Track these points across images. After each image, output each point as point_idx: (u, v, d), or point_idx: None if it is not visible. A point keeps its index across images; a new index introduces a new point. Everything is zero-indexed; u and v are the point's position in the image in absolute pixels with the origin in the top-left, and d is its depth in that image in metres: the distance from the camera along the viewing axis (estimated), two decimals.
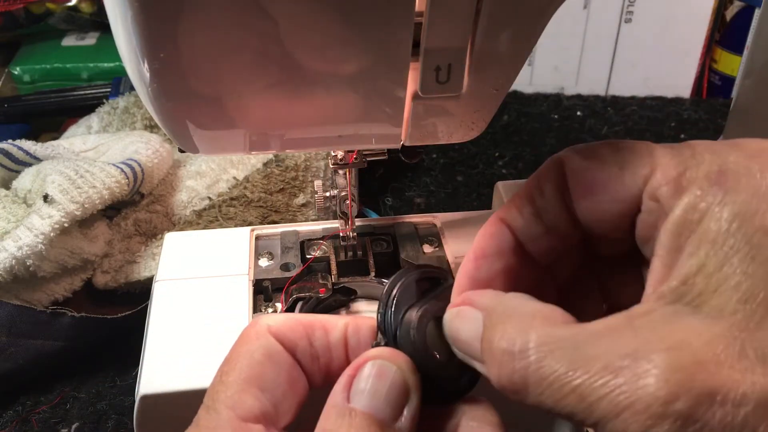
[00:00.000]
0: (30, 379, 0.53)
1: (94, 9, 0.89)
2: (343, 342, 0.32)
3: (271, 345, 0.31)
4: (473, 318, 0.27)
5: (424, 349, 0.30)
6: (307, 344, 0.32)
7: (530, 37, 0.34)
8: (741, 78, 0.61)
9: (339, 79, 0.33)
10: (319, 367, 0.32)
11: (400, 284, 0.32)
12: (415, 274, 0.33)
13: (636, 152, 0.26)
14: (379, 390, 0.28)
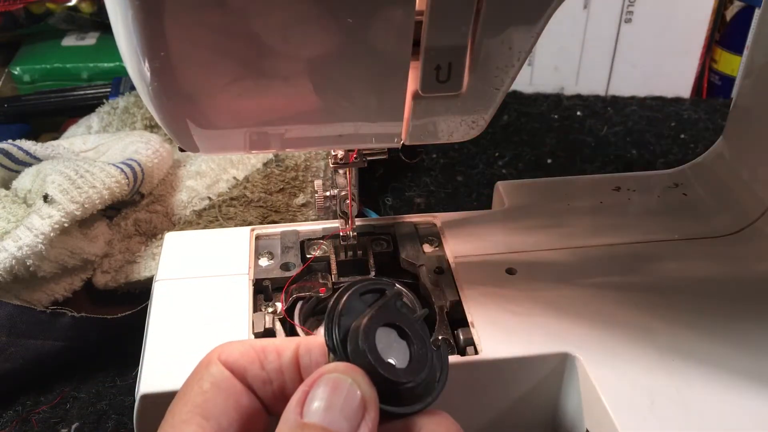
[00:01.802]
0: (30, 379, 0.53)
1: (94, 9, 0.89)
2: (295, 363, 0.32)
3: (219, 373, 0.31)
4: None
5: (376, 358, 0.29)
6: (258, 368, 0.32)
7: (530, 37, 0.34)
8: (741, 78, 0.61)
9: (339, 78, 0.33)
10: (273, 391, 0.32)
11: (345, 299, 0.31)
12: (357, 288, 0.32)
13: None
14: (334, 404, 0.28)
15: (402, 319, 0.31)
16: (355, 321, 0.30)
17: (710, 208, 0.56)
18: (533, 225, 0.53)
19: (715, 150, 0.60)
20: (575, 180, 0.61)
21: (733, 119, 0.59)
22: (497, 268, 0.48)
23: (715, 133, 0.81)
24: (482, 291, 0.46)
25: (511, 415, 0.44)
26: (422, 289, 0.47)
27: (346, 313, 0.31)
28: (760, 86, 0.56)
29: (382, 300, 0.32)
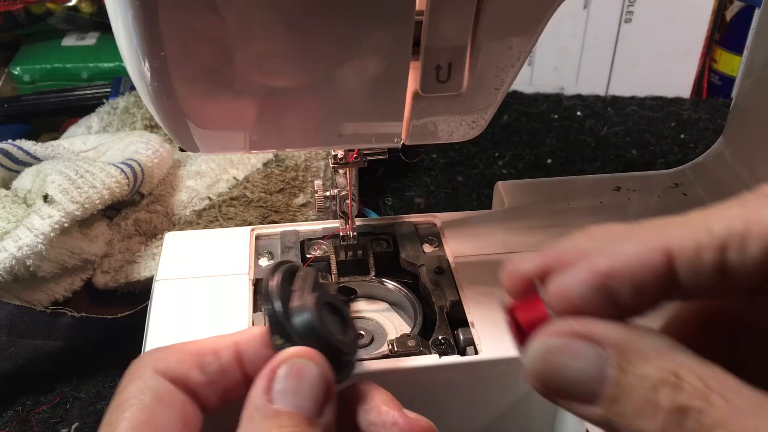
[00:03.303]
0: (30, 379, 0.53)
1: (94, 9, 0.89)
2: (236, 360, 0.32)
3: (160, 386, 0.30)
4: (592, 356, 0.22)
5: (327, 337, 0.31)
6: (198, 373, 0.31)
7: (530, 37, 0.34)
8: (741, 78, 0.61)
9: (340, 78, 0.33)
10: (215, 390, 0.32)
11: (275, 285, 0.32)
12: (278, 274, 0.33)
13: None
14: (301, 388, 0.29)
15: (329, 295, 0.34)
16: (296, 302, 0.32)
17: None
18: (533, 225, 0.53)
19: (715, 150, 0.60)
20: (575, 180, 0.61)
21: (733, 119, 0.59)
22: (497, 268, 0.48)
23: (715, 133, 0.81)
24: (482, 291, 0.46)
25: (512, 416, 0.44)
26: (422, 289, 0.47)
27: (282, 297, 0.32)
28: (760, 86, 0.56)
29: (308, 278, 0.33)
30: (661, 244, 0.22)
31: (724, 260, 0.22)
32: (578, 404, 0.23)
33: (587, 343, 0.23)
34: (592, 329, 0.23)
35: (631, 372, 0.22)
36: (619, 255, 0.23)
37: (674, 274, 0.22)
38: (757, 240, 0.21)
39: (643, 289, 0.22)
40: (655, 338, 0.22)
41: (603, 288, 0.23)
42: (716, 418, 0.20)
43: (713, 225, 0.22)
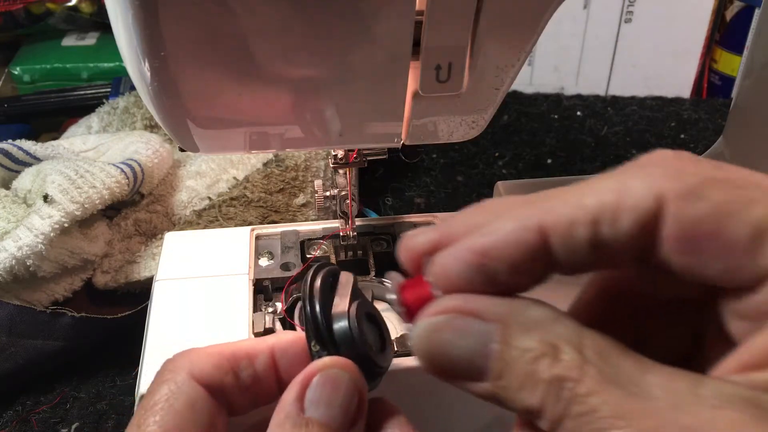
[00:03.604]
0: (30, 379, 0.53)
1: (94, 9, 0.89)
2: (271, 366, 0.32)
3: (192, 392, 0.29)
4: (476, 331, 0.22)
5: (364, 348, 0.30)
6: (233, 378, 0.31)
7: (530, 37, 0.34)
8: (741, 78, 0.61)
9: (339, 78, 0.33)
10: (248, 396, 0.31)
11: (318, 289, 0.31)
12: (320, 276, 0.32)
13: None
14: (334, 399, 0.28)
15: (368, 304, 0.33)
16: (335, 309, 0.31)
17: None
18: None
19: (715, 150, 0.60)
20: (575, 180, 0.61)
21: (733, 119, 0.59)
22: None
23: (715, 133, 0.82)
24: None
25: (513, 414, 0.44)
26: None
27: (323, 303, 0.31)
28: (760, 86, 0.56)
29: (349, 285, 0.32)
30: (536, 221, 0.22)
31: (597, 234, 0.21)
32: (467, 382, 0.23)
33: (471, 318, 0.23)
34: (474, 304, 0.23)
35: (513, 345, 0.22)
36: (494, 233, 0.22)
37: (550, 250, 0.22)
38: (629, 213, 0.21)
39: (520, 267, 0.22)
40: (537, 310, 0.22)
41: (480, 267, 0.23)
42: (590, 387, 0.20)
43: (586, 199, 0.22)
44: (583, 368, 0.20)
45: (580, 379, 0.20)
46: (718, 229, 0.20)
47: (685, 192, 0.20)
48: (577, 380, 0.20)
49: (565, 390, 0.20)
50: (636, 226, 0.21)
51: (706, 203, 0.20)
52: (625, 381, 0.20)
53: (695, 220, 0.20)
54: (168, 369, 0.31)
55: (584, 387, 0.20)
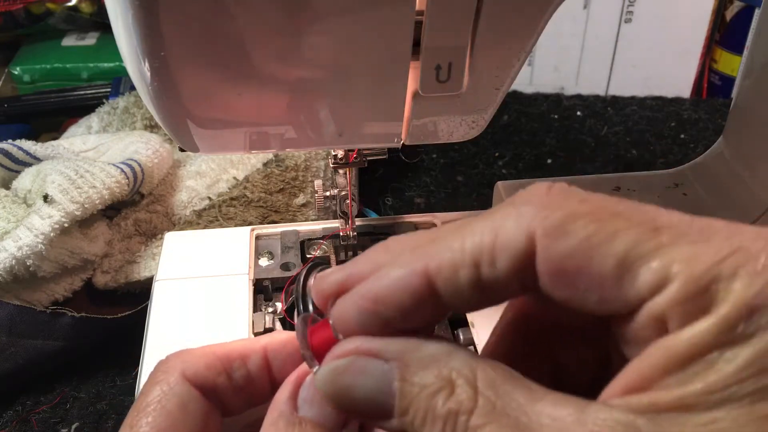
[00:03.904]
0: (30, 379, 0.53)
1: (94, 9, 0.89)
2: (264, 366, 0.31)
3: (185, 393, 0.29)
4: (377, 371, 0.23)
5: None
6: (226, 379, 0.31)
7: (530, 37, 0.34)
8: (741, 78, 0.61)
9: (339, 78, 0.33)
10: (241, 396, 0.31)
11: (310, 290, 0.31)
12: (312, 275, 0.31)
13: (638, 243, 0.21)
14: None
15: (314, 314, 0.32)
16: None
17: (710, 208, 0.56)
18: None
19: (715, 150, 0.60)
20: (575, 180, 0.61)
21: (733, 119, 0.59)
22: None
23: (715, 133, 0.82)
24: None
25: None
26: None
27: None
28: (760, 86, 0.56)
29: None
30: (421, 265, 0.23)
31: (479, 275, 0.22)
32: (377, 420, 0.24)
33: (371, 359, 0.24)
34: (373, 345, 0.24)
35: (412, 382, 0.22)
36: (383, 280, 0.23)
37: (436, 292, 0.23)
38: (503, 253, 0.22)
39: (409, 311, 0.23)
40: (433, 345, 0.23)
41: (373, 313, 0.24)
42: (482, 419, 0.21)
43: (466, 242, 0.22)
44: (476, 401, 0.21)
45: (473, 412, 0.21)
46: (585, 264, 0.21)
47: (551, 229, 0.21)
48: (470, 412, 0.21)
49: (459, 423, 0.21)
50: (511, 264, 0.22)
51: (571, 238, 0.21)
52: (515, 409, 0.21)
53: (562, 255, 0.21)
54: (161, 370, 0.31)
55: (477, 419, 0.21)
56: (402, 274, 0.23)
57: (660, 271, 0.20)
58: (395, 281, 0.23)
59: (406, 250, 0.24)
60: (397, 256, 0.24)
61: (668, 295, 0.20)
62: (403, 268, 0.23)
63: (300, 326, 0.27)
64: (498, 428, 0.21)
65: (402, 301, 0.23)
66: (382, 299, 0.23)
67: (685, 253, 0.20)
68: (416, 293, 0.23)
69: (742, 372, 0.19)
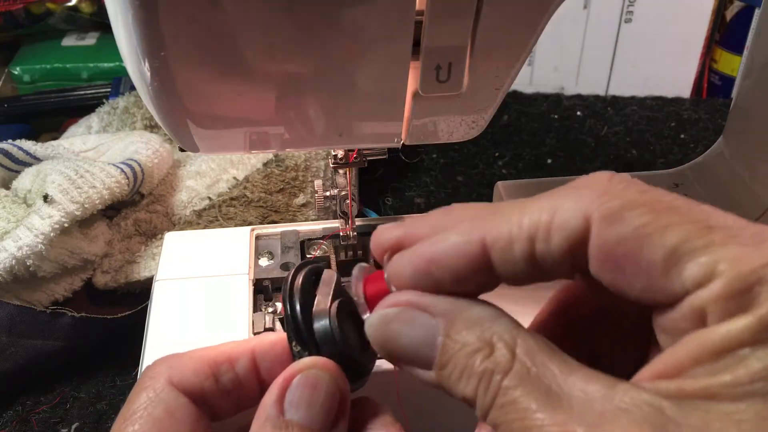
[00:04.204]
0: (30, 379, 0.53)
1: (94, 9, 0.89)
2: (252, 369, 0.31)
3: (171, 399, 0.29)
4: (424, 324, 0.25)
5: (346, 348, 0.29)
6: (214, 383, 0.31)
7: (530, 36, 0.34)
8: (741, 78, 0.61)
9: (339, 78, 0.33)
10: (230, 400, 0.31)
11: (298, 288, 0.30)
12: (301, 275, 0.31)
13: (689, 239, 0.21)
14: (314, 400, 0.28)
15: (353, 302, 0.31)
16: (315, 308, 0.30)
17: None
18: None
19: (715, 150, 0.60)
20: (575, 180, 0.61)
21: (733, 119, 0.59)
22: None
23: (715, 133, 0.82)
24: None
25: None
26: None
27: (304, 302, 0.30)
28: (760, 86, 0.55)
29: (332, 283, 0.32)
30: (479, 235, 0.24)
31: (533, 250, 0.23)
32: (417, 369, 0.25)
33: (419, 312, 0.25)
34: (423, 300, 0.25)
35: (455, 339, 0.24)
36: (442, 243, 0.25)
37: (490, 263, 0.24)
38: (559, 231, 0.23)
39: (462, 276, 0.25)
40: (479, 309, 0.25)
41: (427, 273, 0.25)
42: (515, 381, 0.22)
43: (524, 217, 0.24)
44: (512, 364, 0.23)
45: (507, 374, 0.23)
46: (636, 251, 0.22)
47: (608, 214, 0.22)
48: (505, 374, 0.23)
49: (493, 382, 0.23)
50: (566, 243, 0.23)
51: (626, 226, 0.22)
52: (548, 378, 0.22)
53: (616, 241, 0.22)
54: (148, 376, 0.30)
55: (510, 380, 0.22)
56: (460, 240, 0.24)
57: (707, 267, 0.21)
58: (453, 246, 0.24)
59: (467, 218, 0.25)
60: (458, 222, 0.25)
61: (712, 290, 0.21)
62: (461, 236, 0.24)
63: (356, 274, 0.28)
64: (529, 392, 0.22)
65: (457, 266, 0.24)
66: (438, 261, 0.25)
67: (734, 253, 0.21)
68: (471, 261, 0.24)
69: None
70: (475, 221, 0.25)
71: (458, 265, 0.24)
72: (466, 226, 0.25)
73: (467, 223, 0.25)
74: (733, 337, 0.20)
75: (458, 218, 0.25)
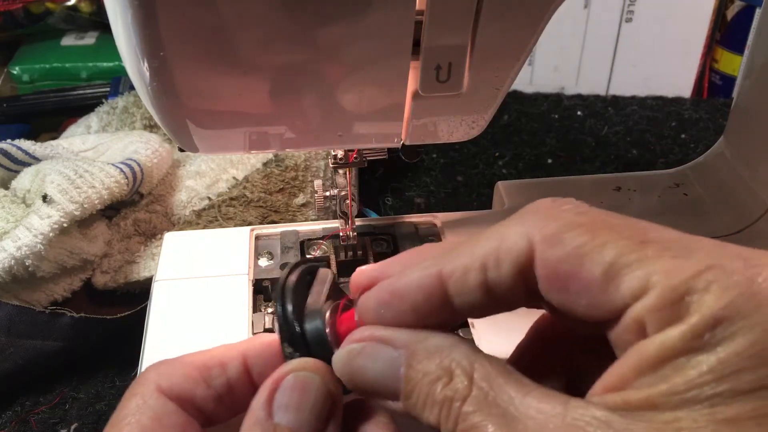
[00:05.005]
0: (29, 379, 0.53)
1: (94, 8, 0.89)
2: (243, 372, 0.31)
3: (160, 406, 0.29)
4: (387, 357, 0.26)
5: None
6: (205, 388, 0.30)
7: (530, 36, 0.34)
8: (741, 78, 0.61)
9: (339, 78, 0.33)
10: (222, 405, 0.31)
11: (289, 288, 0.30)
12: (294, 275, 0.30)
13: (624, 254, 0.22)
14: (304, 403, 0.27)
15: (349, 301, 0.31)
16: (307, 308, 0.30)
17: (711, 208, 0.56)
18: None
19: (716, 150, 0.60)
20: (575, 180, 0.61)
21: (734, 119, 0.59)
22: None
23: (716, 133, 0.81)
24: None
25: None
26: None
27: (296, 303, 0.30)
28: (761, 86, 0.55)
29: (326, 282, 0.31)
30: (437, 269, 0.26)
31: (486, 278, 0.25)
32: (385, 400, 0.26)
33: (383, 345, 0.26)
34: (385, 333, 0.26)
35: (417, 369, 0.25)
36: (403, 279, 0.26)
37: (448, 295, 0.26)
38: (507, 255, 0.24)
39: (421, 308, 0.26)
40: (438, 338, 0.26)
41: (389, 305, 0.27)
42: (473, 407, 0.23)
43: (476, 248, 0.25)
44: (470, 390, 0.24)
45: (466, 399, 0.24)
46: (576, 269, 0.23)
47: (548, 236, 0.24)
48: (464, 400, 0.24)
49: (453, 408, 0.24)
50: (515, 267, 0.24)
51: (566, 246, 0.23)
52: (505, 401, 0.23)
53: (557, 260, 0.23)
54: (137, 383, 0.30)
55: (468, 406, 0.23)
56: (419, 275, 0.26)
57: (641, 280, 0.22)
58: (412, 280, 0.26)
59: (431, 255, 0.27)
60: (423, 260, 0.27)
61: (647, 302, 0.22)
62: (420, 271, 0.26)
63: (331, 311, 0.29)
64: (487, 416, 0.23)
65: (416, 298, 0.26)
66: (398, 293, 0.26)
67: (666, 265, 0.22)
68: (429, 293, 0.26)
69: (704, 377, 0.20)
70: (436, 258, 0.26)
71: (417, 297, 0.26)
72: (427, 262, 0.26)
73: (429, 260, 0.26)
74: (669, 347, 0.21)
75: (425, 257, 0.27)
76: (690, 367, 0.21)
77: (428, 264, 0.26)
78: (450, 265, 0.25)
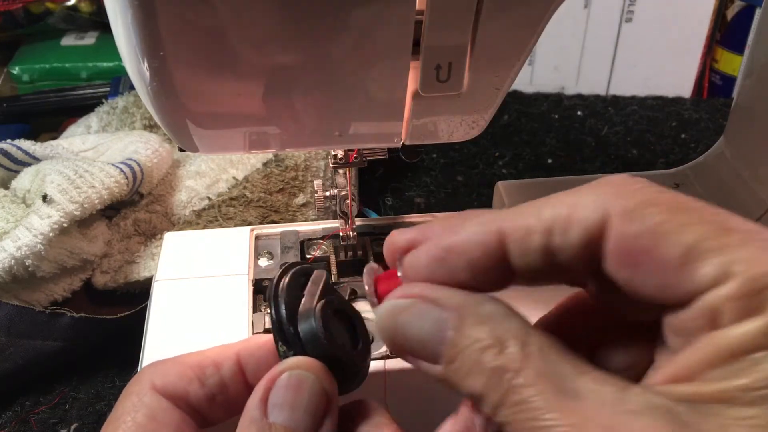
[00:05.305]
0: (29, 379, 0.53)
1: (94, 8, 0.89)
2: (238, 372, 0.31)
3: (154, 404, 0.29)
4: (434, 317, 0.24)
5: (332, 347, 0.29)
6: (199, 387, 0.30)
7: (531, 36, 0.34)
8: (742, 78, 0.61)
9: (339, 78, 0.33)
10: (217, 404, 0.31)
11: (283, 288, 0.30)
12: (288, 276, 0.31)
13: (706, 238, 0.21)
14: (298, 402, 0.27)
15: (340, 301, 0.31)
16: (301, 308, 0.30)
17: None
18: None
19: (716, 150, 0.60)
20: (575, 180, 0.61)
21: (734, 119, 0.59)
22: None
23: (716, 133, 0.81)
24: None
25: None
26: None
27: (290, 302, 0.30)
28: (761, 86, 0.55)
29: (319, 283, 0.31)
30: (496, 226, 0.24)
31: (549, 243, 0.23)
32: (423, 362, 0.25)
33: (431, 305, 0.25)
34: (435, 293, 0.25)
35: (465, 334, 0.24)
36: (459, 233, 0.25)
37: (506, 254, 0.24)
38: (577, 225, 0.23)
39: (478, 266, 0.25)
40: (491, 305, 0.24)
41: (443, 261, 0.25)
42: (527, 380, 0.22)
43: (543, 211, 0.24)
44: (524, 362, 0.22)
45: (520, 372, 0.22)
46: (652, 247, 0.22)
47: (627, 211, 0.22)
48: (517, 372, 0.22)
49: (504, 380, 0.22)
50: (583, 237, 0.23)
51: (644, 223, 0.22)
52: (560, 379, 0.22)
53: (634, 236, 0.22)
54: (133, 382, 0.31)
55: (522, 379, 0.22)
56: (478, 230, 0.25)
57: (722, 267, 0.21)
58: (470, 234, 0.25)
59: (485, 214, 0.25)
60: (477, 218, 0.25)
61: (725, 290, 0.21)
62: (479, 226, 0.25)
63: (368, 272, 0.28)
64: (540, 391, 0.22)
65: (473, 254, 0.24)
66: (454, 249, 0.25)
67: (750, 255, 0.21)
68: (488, 250, 0.24)
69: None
70: (495, 216, 0.25)
71: (475, 254, 0.24)
72: (484, 218, 0.25)
73: (486, 215, 0.25)
74: (748, 340, 0.20)
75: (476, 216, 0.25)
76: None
77: (487, 220, 0.25)
78: (512, 223, 0.24)
